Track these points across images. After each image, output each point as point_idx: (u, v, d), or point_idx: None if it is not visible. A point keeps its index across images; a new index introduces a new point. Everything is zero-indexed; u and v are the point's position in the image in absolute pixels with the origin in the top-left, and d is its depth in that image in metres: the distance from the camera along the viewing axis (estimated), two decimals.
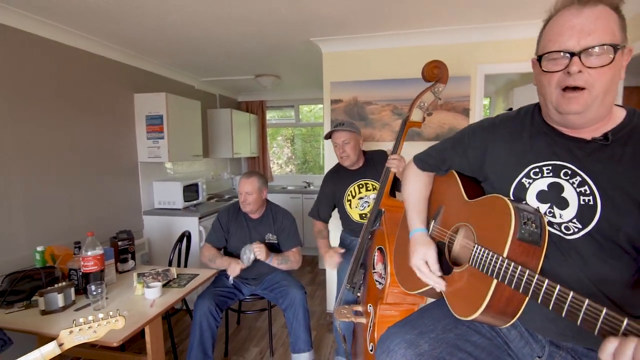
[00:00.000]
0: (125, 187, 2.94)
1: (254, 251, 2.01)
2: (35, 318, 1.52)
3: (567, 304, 0.61)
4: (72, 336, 1.14)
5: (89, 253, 1.72)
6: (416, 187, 1.11)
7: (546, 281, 0.66)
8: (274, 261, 2.07)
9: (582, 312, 0.59)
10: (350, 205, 2.02)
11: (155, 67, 3.21)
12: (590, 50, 0.68)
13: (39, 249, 1.89)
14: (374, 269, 1.64)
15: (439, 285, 0.93)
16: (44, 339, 1.48)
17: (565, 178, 0.78)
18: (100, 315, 1.22)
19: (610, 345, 0.54)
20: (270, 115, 5.10)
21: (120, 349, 2.16)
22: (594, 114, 0.73)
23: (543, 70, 0.75)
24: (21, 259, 1.99)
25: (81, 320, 1.18)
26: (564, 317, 0.62)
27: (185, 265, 2.53)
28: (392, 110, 2.53)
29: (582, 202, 0.76)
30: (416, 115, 1.64)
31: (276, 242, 2.22)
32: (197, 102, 3.38)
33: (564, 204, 0.78)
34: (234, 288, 2.17)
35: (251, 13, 2.10)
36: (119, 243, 2.08)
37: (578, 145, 0.78)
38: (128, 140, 2.97)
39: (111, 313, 1.23)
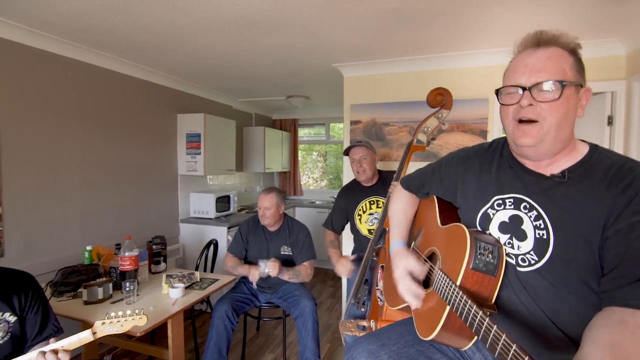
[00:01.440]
0: (166, 196, 3.28)
1: (269, 266, 2.16)
2: (79, 307, 1.79)
3: (509, 355, 0.61)
4: (103, 327, 1.34)
5: (126, 254, 1.98)
6: (399, 206, 1.18)
7: (494, 327, 0.66)
8: (285, 276, 2.21)
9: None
10: (360, 220, 2.13)
11: (198, 90, 3.58)
12: (539, 85, 0.74)
13: (88, 248, 2.20)
14: (377, 285, 1.72)
15: (416, 300, 0.93)
16: (87, 326, 1.74)
17: (524, 211, 0.82)
18: (128, 312, 1.41)
19: None
20: (303, 133, 5.33)
21: (151, 342, 2.40)
22: (547, 147, 0.77)
23: (501, 104, 0.82)
24: (73, 256, 2.32)
25: (112, 314, 1.39)
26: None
27: (212, 271, 2.75)
28: (408, 131, 2.61)
29: (537, 236, 0.79)
30: (420, 139, 1.73)
31: (290, 254, 2.36)
32: (232, 121, 3.69)
33: (522, 236, 0.81)
34: (251, 295, 2.33)
35: (276, 45, 2.32)
36: (153, 247, 2.35)
37: (538, 180, 0.82)
38: (170, 155, 3.32)
39: (137, 311, 1.42)
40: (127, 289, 1.86)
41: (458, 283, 0.81)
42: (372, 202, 2.15)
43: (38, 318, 1.39)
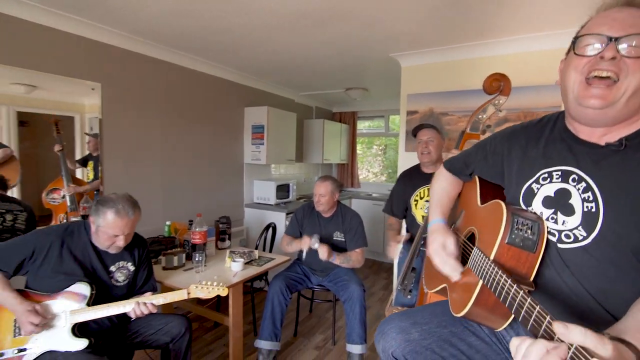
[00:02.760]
0: (233, 182, 3.60)
1: (318, 244, 2.25)
2: (159, 271, 2.10)
3: (542, 326, 0.57)
4: (196, 290, 1.60)
5: (197, 229, 2.26)
6: (440, 185, 1.16)
7: (528, 299, 0.62)
8: (337, 260, 2.29)
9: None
10: (416, 205, 2.10)
11: (263, 85, 3.83)
12: (630, 37, 0.65)
13: (167, 223, 2.55)
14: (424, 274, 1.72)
15: (455, 272, 0.91)
16: (164, 287, 2.04)
17: (572, 184, 0.76)
18: (215, 283, 1.64)
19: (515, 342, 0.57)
20: (363, 125, 5.35)
21: (216, 310, 2.69)
22: (615, 112, 0.69)
23: (575, 54, 0.72)
24: (156, 229, 2.70)
25: (203, 282, 1.62)
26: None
27: (270, 251, 2.97)
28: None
29: (585, 209, 0.73)
30: (474, 128, 1.67)
31: (343, 240, 2.44)
32: (293, 114, 3.88)
33: (569, 211, 0.76)
34: (303, 275, 2.48)
35: (332, 38, 2.40)
36: (220, 225, 2.62)
37: (590, 150, 0.75)
38: (238, 145, 3.63)
39: (221, 284, 1.64)
40: (197, 259, 2.13)
41: (492, 257, 0.80)
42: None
43: (144, 274, 1.73)
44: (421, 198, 2.10)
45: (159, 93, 2.78)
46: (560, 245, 0.77)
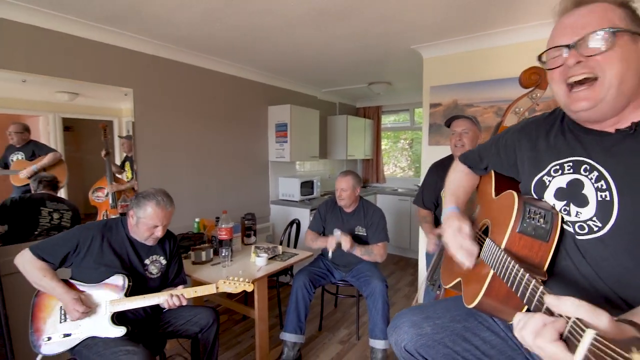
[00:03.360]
0: (259, 180, 3.70)
1: (341, 238, 2.27)
2: (188, 265, 2.21)
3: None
4: (224, 285, 1.68)
5: (223, 225, 2.35)
6: (456, 176, 1.16)
7: (540, 288, 0.60)
8: (358, 251, 2.30)
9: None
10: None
11: (285, 83, 3.89)
12: (584, 38, 0.68)
13: (196, 220, 2.67)
14: None
15: (471, 256, 0.90)
16: (193, 280, 2.15)
17: (584, 174, 0.75)
18: (241, 279, 1.71)
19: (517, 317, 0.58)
20: (388, 120, 5.28)
21: (244, 303, 2.79)
22: (611, 105, 0.69)
23: (546, 70, 0.77)
24: (186, 226, 2.83)
25: (230, 277, 1.70)
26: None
27: (295, 246, 3.03)
28: (495, 112, 2.40)
29: (599, 199, 0.72)
30: (510, 121, 1.62)
31: (365, 234, 2.45)
32: (315, 111, 3.91)
33: (583, 202, 0.75)
34: (327, 270, 2.51)
35: (352, 33, 2.40)
36: (245, 222, 2.71)
37: (600, 138, 0.74)
38: (262, 144, 3.71)
39: (247, 279, 1.71)
40: (223, 254, 2.22)
41: (503, 246, 0.80)
42: None
43: (175, 267, 1.85)
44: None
45: (186, 95, 2.91)
46: (577, 237, 0.76)
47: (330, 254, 2.30)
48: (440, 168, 2.09)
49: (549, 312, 0.54)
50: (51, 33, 2.09)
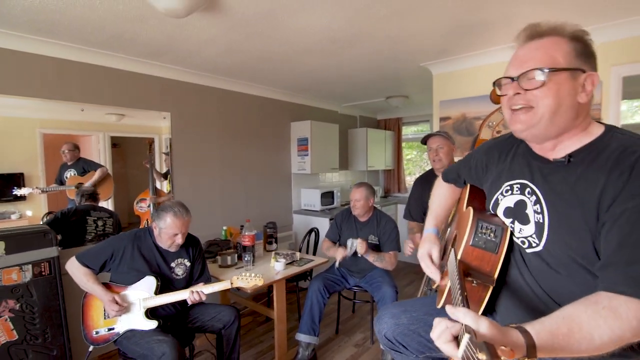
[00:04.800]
0: (282, 191, 3.95)
1: (357, 243, 2.43)
2: (215, 268, 2.46)
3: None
4: (237, 280, 1.91)
5: (246, 233, 2.59)
6: (438, 193, 1.29)
7: (459, 299, 0.73)
8: (370, 257, 2.44)
9: None
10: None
11: (306, 100, 4.14)
12: (525, 74, 0.77)
13: (224, 227, 2.94)
14: None
15: (436, 276, 1.05)
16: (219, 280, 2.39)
17: (528, 196, 0.86)
18: (252, 274, 1.94)
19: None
20: (409, 130, 5.37)
21: (267, 306, 3.00)
22: (541, 131, 0.78)
23: (498, 95, 0.87)
24: (215, 233, 3.11)
25: (243, 273, 1.94)
26: None
27: (314, 254, 3.21)
28: (502, 124, 2.46)
29: (535, 220, 0.82)
30: (485, 134, 1.73)
31: (377, 243, 2.58)
32: (335, 125, 4.12)
33: (525, 220, 0.85)
34: (341, 277, 2.67)
35: (361, 55, 2.59)
36: (267, 230, 2.94)
37: (542, 165, 0.85)
38: (285, 157, 3.97)
39: (257, 275, 1.94)
40: (246, 259, 2.45)
41: (458, 258, 0.93)
42: None
43: (199, 268, 2.08)
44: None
45: (216, 115, 3.23)
46: (523, 250, 0.87)
47: (337, 263, 2.47)
48: (425, 181, 2.27)
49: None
50: (101, 68, 2.47)
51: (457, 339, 0.60)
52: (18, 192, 2.19)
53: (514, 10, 1.89)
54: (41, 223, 2.28)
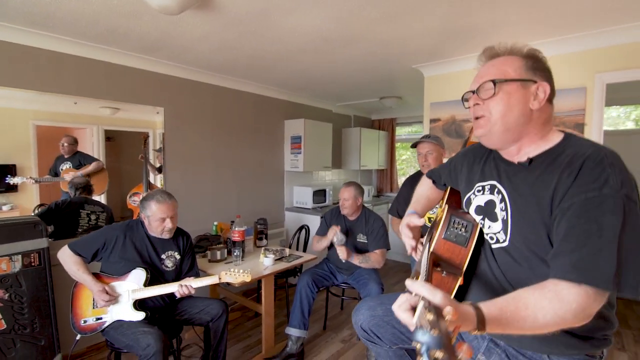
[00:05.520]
0: (275, 188, 3.98)
1: (338, 249, 2.47)
2: (205, 263, 2.50)
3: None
4: (225, 276, 1.94)
5: (236, 228, 2.62)
6: (422, 189, 1.37)
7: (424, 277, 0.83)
8: (355, 260, 2.49)
9: None
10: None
11: (301, 98, 4.17)
12: (480, 86, 0.89)
13: (215, 223, 2.97)
14: None
15: (408, 240, 1.09)
16: (210, 274, 2.42)
17: (496, 196, 0.93)
18: (241, 270, 1.98)
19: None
20: (403, 131, 5.43)
21: (257, 301, 3.04)
22: (498, 136, 0.89)
23: (466, 107, 0.98)
24: (206, 228, 3.14)
25: (231, 269, 1.97)
26: None
27: (304, 250, 3.25)
28: None
29: (502, 217, 0.90)
30: (475, 137, 1.78)
31: (366, 241, 2.63)
32: (328, 124, 4.16)
33: (494, 218, 0.93)
34: (330, 273, 2.71)
35: (353, 56, 2.63)
36: (258, 226, 2.98)
37: (508, 168, 0.93)
38: (279, 155, 4.00)
39: (246, 271, 1.97)
40: (235, 254, 2.49)
41: (431, 249, 0.99)
42: None
43: (188, 262, 2.12)
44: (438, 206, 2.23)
45: (209, 111, 3.25)
46: (492, 245, 0.94)
47: (335, 239, 2.43)
48: (414, 180, 2.33)
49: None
50: (95, 62, 2.48)
51: (414, 310, 0.65)
52: (11, 180, 2.21)
53: (501, 17, 1.94)
54: (32, 215, 2.30)
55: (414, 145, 2.32)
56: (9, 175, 2.20)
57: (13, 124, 2.23)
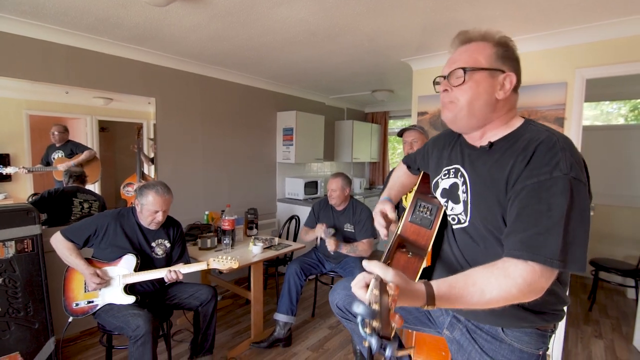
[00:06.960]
0: (266, 179, 4.03)
1: (327, 241, 2.55)
2: (196, 250, 2.56)
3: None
4: (213, 262, 2.00)
5: (226, 217, 2.68)
6: (397, 174, 1.41)
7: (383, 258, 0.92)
8: (344, 249, 2.56)
9: None
10: (406, 198, 2.30)
11: (293, 90, 4.20)
12: (451, 73, 0.90)
13: (206, 212, 3.03)
14: None
15: (380, 227, 1.12)
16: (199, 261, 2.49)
17: (460, 178, 0.98)
18: (229, 257, 2.04)
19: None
20: (396, 125, 5.48)
21: (248, 288, 3.11)
22: (464, 122, 0.91)
23: (436, 92, 1.00)
24: (197, 217, 3.20)
25: (220, 256, 2.03)
26: None
27: (294, 240, 3.32)
28: None
29: (463, 199, 0.95)
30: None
31: (353, 231, 2.70)
32: (320, 116, 4.20)
33: (457, 200, 0.98)
34: (318, 261, 2.78)
35: (342, 48, 2.66)
36: (248, 216, 3.03)
37: (471, 152, 0.97)
38: (271, 146, 4.04)
39: (233, 258, 2.04)
40: (225, 242, 2.55)
41: (398, 232, 1.05)
42: None
43: (178, 250, 2.17)
44: (410, 192, 2.29)
45: (202, 103, 3.28)
46: (454, 227, 1.00)
47: (318, 241, 2.52)
48: None
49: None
50: (86, 51, 2.51)
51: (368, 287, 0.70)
52: (4, 170, 2.25)
53: (484, 12, 1.98)
54: (26, 202, 2.34)
55: (400, 134, 2.37)
56: (1, 165, 2.24)
57: (7, 113, 2.27)
